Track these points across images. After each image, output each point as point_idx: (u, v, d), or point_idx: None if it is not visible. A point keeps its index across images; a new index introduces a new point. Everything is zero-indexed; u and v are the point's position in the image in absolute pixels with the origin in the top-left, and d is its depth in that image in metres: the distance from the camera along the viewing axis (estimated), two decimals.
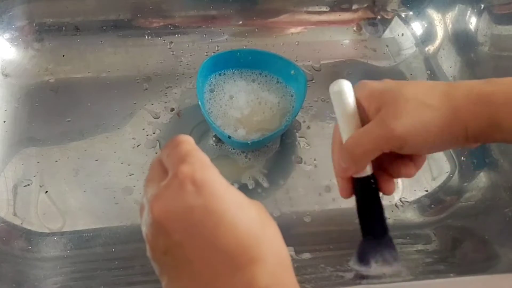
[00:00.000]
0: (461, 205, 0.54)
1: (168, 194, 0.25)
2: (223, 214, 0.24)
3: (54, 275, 0.47)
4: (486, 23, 0.60)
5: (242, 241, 0.24)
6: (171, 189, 0.25)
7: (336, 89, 0.34)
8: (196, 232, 0.24)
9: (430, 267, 0.49)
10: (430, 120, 0.32)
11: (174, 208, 0.24)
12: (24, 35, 0.60)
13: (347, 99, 0.34)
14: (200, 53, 0.62)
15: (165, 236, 0.24)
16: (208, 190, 0.24)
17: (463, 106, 0.32)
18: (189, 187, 0.24)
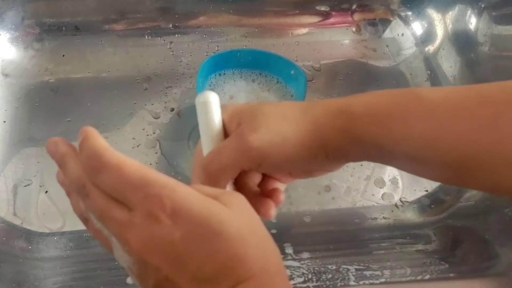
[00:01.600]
0: (461, 205, 0.54)
1: (143, 228, 0.23)
2: (203, 239, 0.23)
3: (54, 275, 0.47)
4: (486, 23, 0.60)
5: (225, 266, 0.23)
6: (144, 224, 0.23)
7: (201, 99, 0.31)
8: (182, 264, 0.23)
9: (430, 267, 0.49)
10: (288, 132, 0.30)
11: (154, 242, 0.23)
12: (24, 35, 0.60)
13: (211, 111, 0.31)
14: (200, 53, 0.62)
15: (153, 271, 0.23)
16: (183, 218, 0.23)
17: (322, 119, 0.30)
18: (164, 219, 0.23)
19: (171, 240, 0.23)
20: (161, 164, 0.54)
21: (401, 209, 0.53)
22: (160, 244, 0.23)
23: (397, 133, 0.28)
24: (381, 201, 0.54)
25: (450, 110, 0.27)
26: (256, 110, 0.31)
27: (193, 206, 0.23)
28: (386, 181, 0.55)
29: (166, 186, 0.24)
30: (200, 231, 0.23)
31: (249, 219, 0.25)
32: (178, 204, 0.23)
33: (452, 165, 0.27)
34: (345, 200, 0.53)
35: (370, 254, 0.50)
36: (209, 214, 0.23)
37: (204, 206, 0.24)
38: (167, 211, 0.23)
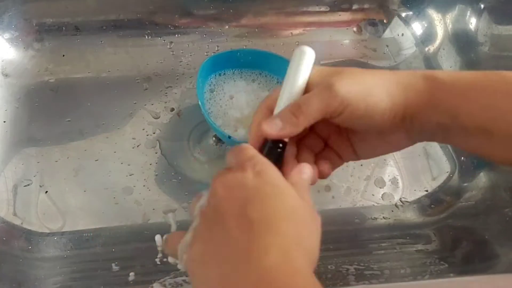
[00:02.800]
0: (461, 205, 0.54)
1: (230, 174, 0.29)
2: (266, 194, 0.28)
3: (54, 275, 0.47)
4: (486, 23, 0.60)
5: (267, 215, 0.27)
6: (233, 171, 0.29)
7: (301, 49, 0.34)
8: (239, 203, 0.27)
9: (430, 267, 0.49)
10: (374, 85, 0.31)
11: (230, 182, 0.29)
12: (24, 35, 0.60)
13: (305, 64, 0.33)
14: (200, 53, 0.62)
15: (213, 197, 0.29)
16: (264, 178, 0.28)
17: (407, 80, 0.32)
18: (249, 172, 0.29)
19: (245, 183, 0.28)
20: (161, 164, 0.54)
21: (401, 209, 0.53)
22: (235, 182, 0.28)
23: (477, 104, 0.30)
24: (381, 201, 0.54)
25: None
26: (345, 68, 0.33)
27: (275, 176, 0.29)
28: (386, 181, 0.55)
29: (263, 160, 0.30)
30: (269, 189, 0.28)
31: (307, 213, 0.29)
32: (265, 170, 0.29)
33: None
34: (345, 200, 0.53)
35: (370, 254, 0.50)
36: (282, 185, 0.29)
37: (283, 181, 0.29)
38: (255, 169, 0.29)
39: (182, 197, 0.52)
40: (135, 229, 0.50)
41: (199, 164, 0.54)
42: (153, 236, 0.49)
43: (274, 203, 0.27)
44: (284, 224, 0.27)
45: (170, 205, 0.52)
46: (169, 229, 0.50)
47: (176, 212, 0.51)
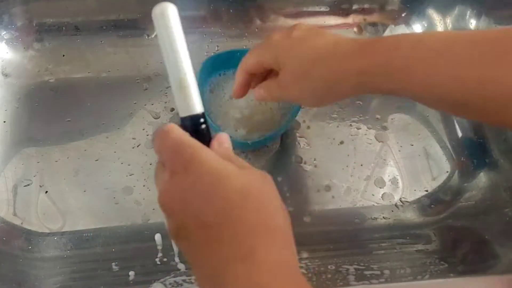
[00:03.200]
0: (461, 205, 0.54)
1: (164, 185, 0.28)
2: (208, 186, 0.26)
3: (54, 275, 0.47)
4: (486, 24, 0.60)
5: (223, 213, 0.25)
6: (166, 180, 0.27)
7: (158, 11, 0.31)
8: (188, 208, 0.26)
9: (430, 267, 0.49)
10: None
11: (170, 191, 0.27)
12: (24, 35, 0.60)
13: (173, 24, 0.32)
14: (200, 53, 0.62)
15: (171, 220, 0.27)
16: (194, 168, 0.26)
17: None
18: (180, 171, 0.27)
19: (184, 188, 0.26)
20: None
21: (401, 209, 0.53)
22: (174, 192, 0.27)
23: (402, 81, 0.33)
24: (381, 201, 0.54)
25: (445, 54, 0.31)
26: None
27: (206, 160, 0.26)
28: (386, 181, 0.55)
29: (190, 146, 0.27)
30: (207, 179, 0.26)
31: (258, 185, 0.27)
32: (195, 158, 0.26)
33: (452, 107, 0.32)
34: (345, 200, 0.53)
35: (370, 254, 0.50)
36: (218, 167, 0.26)
37: (215, 161, 0.27)
38: (184, 164, 0.26)
39: None
40: (135, 229, 0.50)
41: None
42: (153, 236, 0.50)
43: (220, 195, 0.26)
44: (241, 214, 0.25)
45: None
46: None
47: None
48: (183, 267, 0.48)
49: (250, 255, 0.24)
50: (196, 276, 0.27)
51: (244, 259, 0.24)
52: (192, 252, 0.27)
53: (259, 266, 0.24)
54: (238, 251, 0.25)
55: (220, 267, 0.25)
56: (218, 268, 0.25)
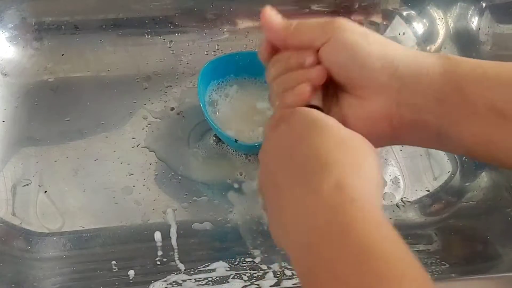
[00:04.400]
0: (462, 205, 0.54)
1: (267, 138, 0.30)
2: (307, 133, 0.28)
3: (53, 276, 0.47)
4: (488, 21, 0.60)
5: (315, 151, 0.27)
6: (270, 131, 0.30)
7: None
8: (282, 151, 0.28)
9: (431, 267, 0.48)
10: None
11: (267, 141, 0.30)
12: (23, 34, 0.60)
13: None
14: (201, 52, 0.62)
15: (264, 167, 0.30)
16: (297, 117, 0.29)
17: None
18: (282, 125, 0.29)
19: (281, 134, 0.28)
20: (161, 164, 0.54)
21: (403, 209, 0.53)
22: (273, 140, 0.29)
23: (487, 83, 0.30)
24: (382, 201, 0.53)
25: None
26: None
27: (309, 113, 0.29)
28: (388, 181, 0.54)
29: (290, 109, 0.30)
30: (307, 123, 0.28)
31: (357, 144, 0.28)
32: (296, 112, 0.29)
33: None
34: None
35: None
36: (324, 118, 0.28)
37: (321, 114, 0.29)
38: (284, 117, 0.29)
39: (182, 197, 0.52)
40: (134, 229, 0.50)
41: (199, 164, 0.54)
42: (153, 236, 0.49)
43: (319, 137, 0.27)
44: (335, 155, 0.26)
45: (170, 205, 0.51)
46: (169, 229, 0.50)
47: (176, 212, 0.51)
48: (183, 267, 0.48)
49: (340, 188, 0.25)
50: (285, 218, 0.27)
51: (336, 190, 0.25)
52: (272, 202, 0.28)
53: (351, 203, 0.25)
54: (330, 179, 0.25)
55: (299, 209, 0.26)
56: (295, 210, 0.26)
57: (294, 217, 0.26)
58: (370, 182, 0.26)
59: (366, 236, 0.23)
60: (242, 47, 0.62)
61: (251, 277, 0.46)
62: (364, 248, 0.23)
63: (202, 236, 0.50)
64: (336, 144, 0.27)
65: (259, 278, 0.46)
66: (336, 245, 0.23)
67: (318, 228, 0.24)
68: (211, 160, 0.54)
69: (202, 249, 0.49)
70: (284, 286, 0.45)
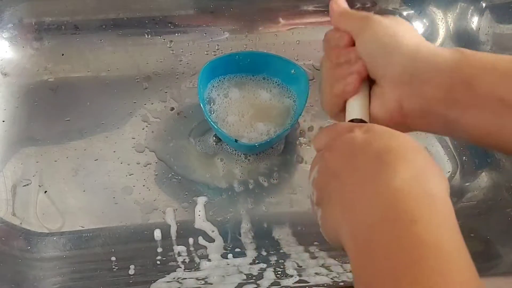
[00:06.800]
0: (462, 205, 0.54)
1: (338, 138, 0.30)
2: (385, 136, 0.28)
3: (53, 276, 0.47)
4: (488, 21, 0.60)
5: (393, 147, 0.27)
6: (341, 135, 0.30)
7: None
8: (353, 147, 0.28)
9: None
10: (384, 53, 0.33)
11: (339, 141, 0.29)
12: (23, 34, 0.60)
13: None
14: (200, 52, 0.62)
15: (327, 164, 0.29)
16: (373, 131, 0.29)
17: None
18: (357, 131, 0.29)
19: (354, 138, 0.28)
20: (161, 164, 0.54)
21: None
22: (343, 141, 0.29)
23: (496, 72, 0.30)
24: None
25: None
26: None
27: (387, 129, 0.29)
28: None
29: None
30: (386, 134, 0.28)
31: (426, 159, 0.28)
32: (374, 127, 0.29)
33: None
34: None
35: None
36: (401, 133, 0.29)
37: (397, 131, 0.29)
38: (362, 128, 0.29)
39: (182, 197, 0.52)
40: (135, 229, 0.50)
41: (199, 164, 0.54)
42: (153, 236, 0.49)
43: (396, 140, 0.28)
44: (412, 154, 0.27)
45: (170, 205, 0.51)
46: (169, 229, 0.50)
47: (176, 212, 0.51)
48: (183, 267, 0.48)
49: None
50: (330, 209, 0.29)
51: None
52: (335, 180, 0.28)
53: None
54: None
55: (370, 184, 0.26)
56: (367, 186, 0.26)
57: (361, 209, 0.26)
58: (441, 180, 0.27)
59: (434, 234, 0.24)
60: (242, 47, 0.62)
61: (251, 276, 0.46)
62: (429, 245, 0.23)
63: (202, 236, 0.50)
64: (413, 148, 0.27)
65: (259, 276, 0.46)
66: (397, 239, 0.24)
67: (383, 220, 0.25)
68: (211, 160, 0.54)
69: (202, 248, 0.49)
70: (284, 286, 0.45)
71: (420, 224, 0.24)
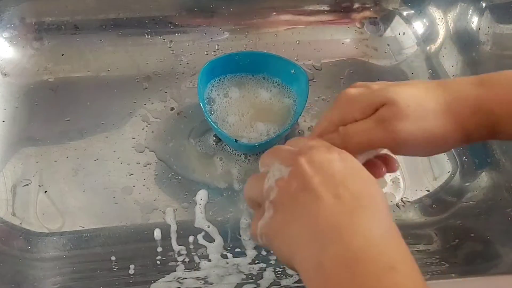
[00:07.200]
0: (462, 205, 0.54)
1: (316, 153, 0.30)
2: (357, 174, 0.29)
3: (53, 276, 0.47)
4: (488, 21, 0.60)
5: (363, 190, 0.28)
6: (318, 151, 0.30)
7: None
8: (331, 176, 0.28)
9: (431, 267, 0.48)
10: (431, 129, 0.32)
11: (317, 158, 0.29)
12: (23, 34, 0.60)
13: None
14: (200, 52, 0.62)
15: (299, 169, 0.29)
16: (350, 161, 0.30)
17: (462, 116, 0.32)
18: (336, 154, 0.30)
19: (334, 161, 0.29)
20: (161, 164, 0.54)
21: (403, 209, 0.53)
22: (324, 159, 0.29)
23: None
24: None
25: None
26: (394, 95, 0.33)
27: (358, 163, 0.31)
28: (388, 181, 0.54)
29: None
30: (357, 169, 0.30)
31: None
32: (350, 156, 0.30)
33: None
34: None
35: None
36: (367, 172, 0.30)
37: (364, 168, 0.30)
38: (341, 154, 0.30)
39: (182, 197, 0.52)
40: (134, 229, 0.50)
41: (199, 164, 0.54)
42: (153, 236, 0.49)
43: (368, 183, 0.29)
44: (382, 202, 0.28)
45: (170, 205, 0.51)
46: (169, 229, 0.50)
47: (176, 212, 0.51)
48: (183, 267, 0.48)
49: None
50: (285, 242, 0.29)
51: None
52: (297, 211, 0.28)
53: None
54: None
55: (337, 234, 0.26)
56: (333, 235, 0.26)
57: (309, 234, 0.27)
58: (388, 217, 0.28)
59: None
60: (242, 47, 0.62)
61: (251, 276, 0.46)
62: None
63: (201, 236, 0.50)
64: (377, 192, 0.29)
65: (259, 276, 0.46)
66: (349, 269, 0.25)
67: (331, 250, 0.26)
68: (211, 160, 0.54)
69: (201, 248, 0.49)
70: (284, 285, 0.45)
71: (400, 271, 0.25)
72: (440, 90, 0.33)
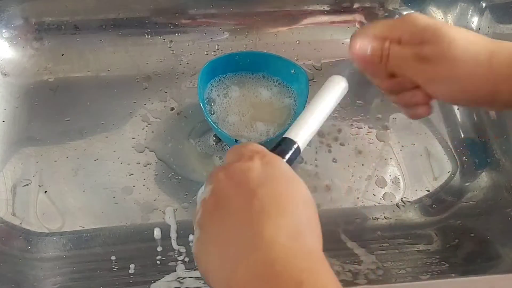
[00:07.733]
0: (462, 205, 0.54)
1: (234, 164, 0.29)
2: (275, 181, 0.28)
3: (53, 276, 0.47)
4: (488, 21, 0.60)
5: (278, 198, 0.27)
6: (239, 161, 0.29)
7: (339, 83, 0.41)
8: (244, 185, 0.28)
9: (431, 267, 0.48)
10: (473, 75, 0.33)
11: (235, 169, 0.29)
12: (23, 34, 0.60)
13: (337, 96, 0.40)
14: (201, 52, 0.62)
15: (217, 183, 0.29)
16: (273, 166, 0.29)
17: (503, 75, 0.33)
18: (257, 162, 0.29)
19: (252, 169, 0.28)
20: (161, 164, 0.54)
21: (403, 209, 0.53)
22: (241, 169, 0.28)
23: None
24: (382, 201, 0.53)
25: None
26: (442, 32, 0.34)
27: (283, 166, 0.30)
28: (388, 181, 0.54)
29: (271, 153, 0.31)
30: (278, 174, 0.29)
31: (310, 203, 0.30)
32: (274, 161, 0.30)
33: None
34: (346, 200, 0.53)
35: (371, 254, 0.50)
36: (292, 174, 0.30)
37: (291, 171, 0.30)
38: (263, 159, 0.29)
39: (182, 197, 0.52)
40: (134, 229, 0.50)
41: (199, 164, 0.54)
42: (152, 236, 0.49)
43: (284, 187, 0.28)
44: (295, 207, 0.27)
45: (170, 205, 0.51)
46: (169, 229, 0.50)
47: (176, 212, 0.51)
48: (183, 267, 0.48)
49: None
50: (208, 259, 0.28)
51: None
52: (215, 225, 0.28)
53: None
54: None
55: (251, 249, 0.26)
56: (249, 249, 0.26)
57: (219, 255, 0.27)
58: (318, 232, 0.28)
59: None
60: (242, 47, 0.62)
61: None
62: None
63: None
64: (298, 197, 0.29)
65: None
66: None
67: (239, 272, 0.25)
68: (211, 160, 0.54)
69: None
70: None
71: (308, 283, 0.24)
72: (488, 43, 0.34)
